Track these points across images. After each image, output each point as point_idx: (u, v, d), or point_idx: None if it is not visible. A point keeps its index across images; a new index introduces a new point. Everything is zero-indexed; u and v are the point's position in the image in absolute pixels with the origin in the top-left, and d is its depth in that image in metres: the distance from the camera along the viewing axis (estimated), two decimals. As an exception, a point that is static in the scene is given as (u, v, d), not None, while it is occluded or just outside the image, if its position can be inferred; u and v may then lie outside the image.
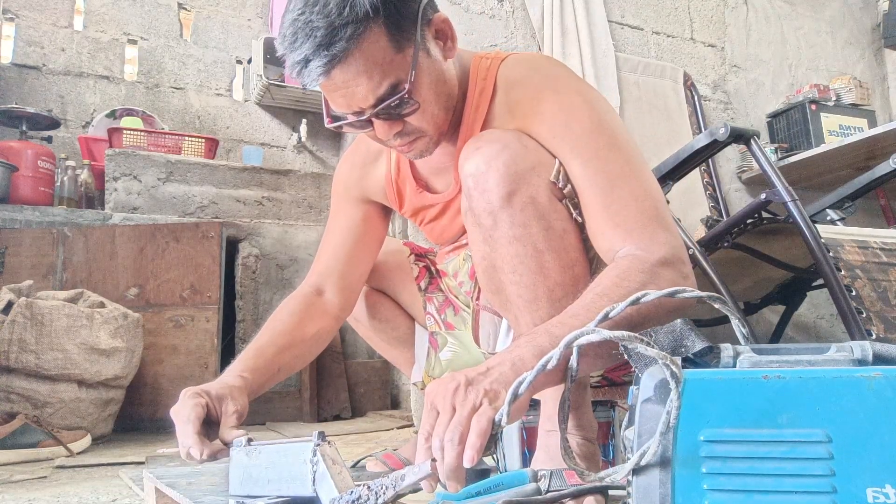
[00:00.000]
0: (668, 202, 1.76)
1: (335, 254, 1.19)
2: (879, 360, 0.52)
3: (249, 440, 0.84)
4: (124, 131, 2.94)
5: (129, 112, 3.29)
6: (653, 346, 0.53)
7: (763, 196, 1.65)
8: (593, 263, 0.90)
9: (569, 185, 0.85)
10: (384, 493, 0.64)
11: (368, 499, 0.65)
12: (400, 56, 0.87)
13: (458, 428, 0.64)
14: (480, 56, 1.01)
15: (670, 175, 1.75)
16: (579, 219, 0.86)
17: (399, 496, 0.65)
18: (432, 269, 1.30)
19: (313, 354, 1.19)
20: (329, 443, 0.78)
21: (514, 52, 1.04)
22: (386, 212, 1.24)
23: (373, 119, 0.90)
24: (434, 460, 0.63)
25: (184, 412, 0.87)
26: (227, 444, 0.87)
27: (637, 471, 0.51)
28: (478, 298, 1.08)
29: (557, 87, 0.91)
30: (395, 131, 0.92)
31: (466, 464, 0.63)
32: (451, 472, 0.63)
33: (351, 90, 0.88)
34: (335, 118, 0.93)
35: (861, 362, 0.52)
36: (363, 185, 1.20)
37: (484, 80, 0.98)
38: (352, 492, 0.67)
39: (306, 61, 0.86)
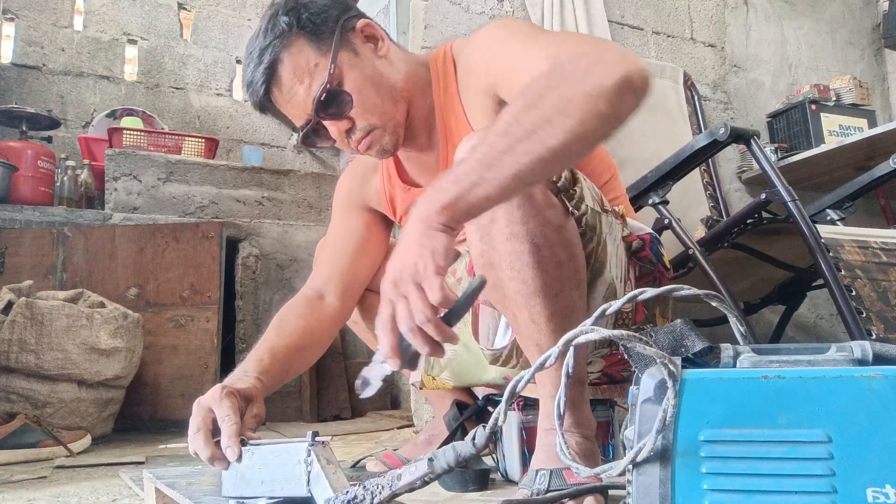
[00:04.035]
0: (667, 202, 1.76)
1: (337, 259, 1.20)
2: (879, 360, 0.52)
3: (242, 441, 0.83)
4: (124, 131, 2.94)
5: (129, 112, 3.29)
6: (652, 346, 0.53)
7: (763, 196, 1.64)
8: (591, 257, 0.90)
9: (563, 178, 0.86)
10: (380, 493, 0.64)
11: (364, 498, 0.65)
12: (324, 59, 1.00)
13: (421, 307, 0.69)
14: (435, 51, 1.12)
15: (670, 175, 1.74)
16: (576, 212, 0.87)
17: (395, 496, 0.65)
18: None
19: (316, 357, 1.19)
20: (323, 443, 0.78)
21: None
22: (387, 223, 1.27)
23: (324, 124, 1.01)
24: (431, 459, 0.63)
25: (222, 412, 0.85)
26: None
27: (637, 470, 0.51)
28: (477, 294, 1.07)
29: (488, 27, 1.02)
30: (345, 129, 1.02)
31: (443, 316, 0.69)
32: (444, 336, 0.69)
33: (294, 100, 1.01)
34: (304, 137, 1.06)
35: (861, 362, 0.52)
36: (363, 193, 1.24)
37: (444, 64, 1.07)
38: (347, 492, 0.67)
39: (251, 82, 1.02)
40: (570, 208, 0.86)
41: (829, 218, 1.87)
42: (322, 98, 0.99)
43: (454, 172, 0.73)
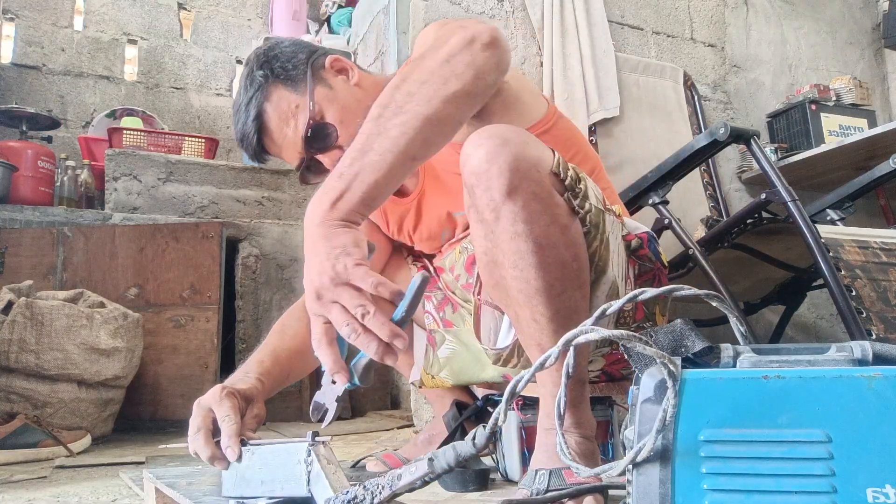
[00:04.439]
0: (667, 202, 1.76)
1: None
2: (879, 360, 0.52)
3: (243, 440, 0.83)
4: (124, 131, 2.94)
5: (129, 112, 3.29)
6: (651, 346, 0.53)
7: (763, 196, 1.64)
8: (595, 256, 0.90)
9: (569, 177, 0.86)
10: (380, 493, 0.64)
11: (364, 498, 0.65)
12: (303, 99, 1.08)
13: (358, 302, 0.68)
14: (401, 67, 1.18)
15: (670, 175, 1.74)
16: (581, 210, 0.87)
17: (395, 496, 0.65)
18: (430, 268, 1.31)
19: (317, 362, 1.20)
20: (323, 443, 0.78)
21: None
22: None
23: (318, 158, 1.08)
24: (431, 459, 0.63)
25: (222, 412, 0.85)
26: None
27: (636, 470, 0.51)
28: (479, 293, 1.08)
29: (421, 33, 1.06)
30: (337, 158, 1.07)
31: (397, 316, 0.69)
32: (390, 330, 0.67)
33: (286, 143, 1.09)
34: (301, 175, 1.13)
35: (861, 362, 0.52)
36: None
37: None
38: (347, 491, 0.67)
39: (243, 136, 1.10)
40: (576, 207, 0.86)
41: (829, 218, 1.87)
42: (309, 134, 1.06)
43: (337, 168, 0.75)
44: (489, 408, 1.23)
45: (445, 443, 1.23)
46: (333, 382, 0.74)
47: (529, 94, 1.09)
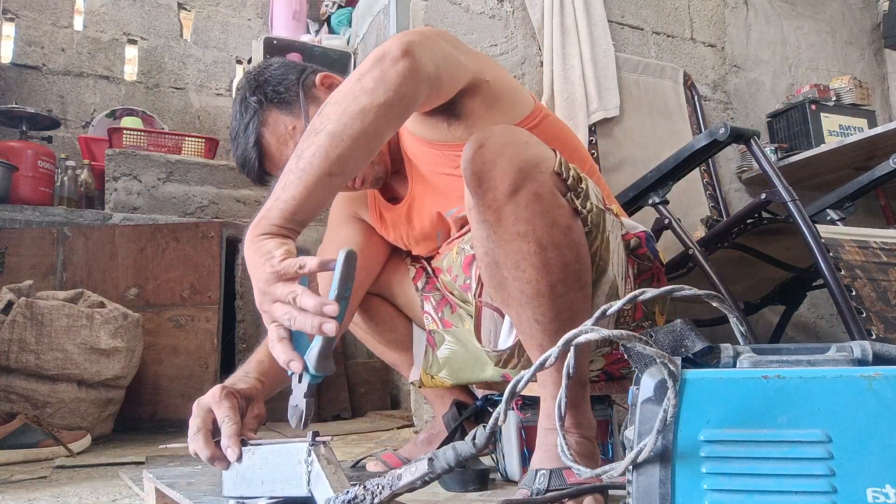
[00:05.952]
0: (667, 202, 1.76)
1: None
2: (879, 360, 0.52)
3: (243, 440, 0.84)
4: (124, 131, 2.94)
5: (129, 112, 3.29)
6: (652, 346, 0.53)
7: (763, 196, 1.64)
8: (596, 255, 0.90)
9: (571, 177, 0.86)
10: (380, 493, 0.64)
11: (364, 498, 0.65)
12: (299, 120, 1.10)
13: (288, 290, 0.72)
14: None
15: (670, 175, 1.74)
16: (583, 211, 0.87)
17: (395, 495, 0.65)
18: (429, 269, 1.31)
19: None
20: (324, 443, 0.78)
21: None
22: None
23: None
24: (431, 459, 0.63)
25: (222, 412, 0.86)
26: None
27: (637, 471, 0.51)
28: (479, 295, 1.08)
29: None
30: None
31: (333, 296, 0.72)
32: (319, 303, 0.70)
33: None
34: None
35: (861, 362, 0.52)
36: (356, 206, 1.31)
37: None
38: (347, 492, 0.67)
39: (244, 161, 1.12)
40: (578, 207, 0.86)
41: (829, 218, 1.87)
42: None
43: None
44: (489, 408, 1.23)
45: (445, 443, 1.23)
46: (300, 382, 0.76)
47: (511, 92, 1.08)
